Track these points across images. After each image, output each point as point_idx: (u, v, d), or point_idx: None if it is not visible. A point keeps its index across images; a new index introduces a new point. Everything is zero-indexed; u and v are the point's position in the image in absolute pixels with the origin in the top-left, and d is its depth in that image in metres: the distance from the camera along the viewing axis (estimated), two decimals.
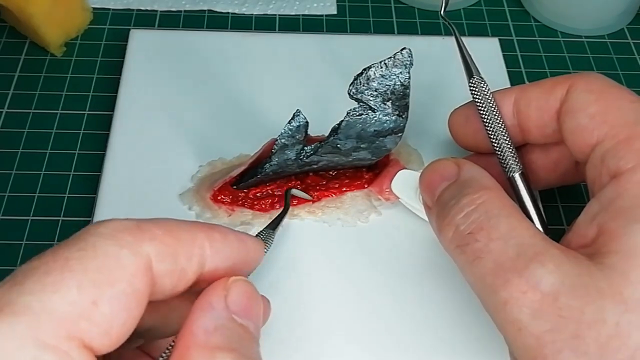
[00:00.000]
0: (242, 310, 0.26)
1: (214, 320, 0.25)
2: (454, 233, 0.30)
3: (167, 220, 0.26)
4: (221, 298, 0.25)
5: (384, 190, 0.39)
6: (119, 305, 0.23)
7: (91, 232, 0.24)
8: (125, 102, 0.43)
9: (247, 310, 0.26)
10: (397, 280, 0.37)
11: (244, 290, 0.26)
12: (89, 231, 0.24)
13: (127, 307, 0.24)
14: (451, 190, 0.32)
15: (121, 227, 0.24)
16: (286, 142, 0.36)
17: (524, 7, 0.54)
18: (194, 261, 0.26)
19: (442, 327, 0.35)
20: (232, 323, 0.25)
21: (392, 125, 0.37)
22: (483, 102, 0.35)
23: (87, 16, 0.50)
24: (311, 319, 0.35)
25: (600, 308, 0.26)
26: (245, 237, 0.28)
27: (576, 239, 0.30)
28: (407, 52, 0.36)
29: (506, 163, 0.34)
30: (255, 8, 0.52)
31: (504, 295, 0.27)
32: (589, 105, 0.32)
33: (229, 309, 0.25)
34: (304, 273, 0.37)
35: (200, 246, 0.26)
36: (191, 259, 0.26)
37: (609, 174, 0.30)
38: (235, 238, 0.27)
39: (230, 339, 0.25)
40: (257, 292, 0.27)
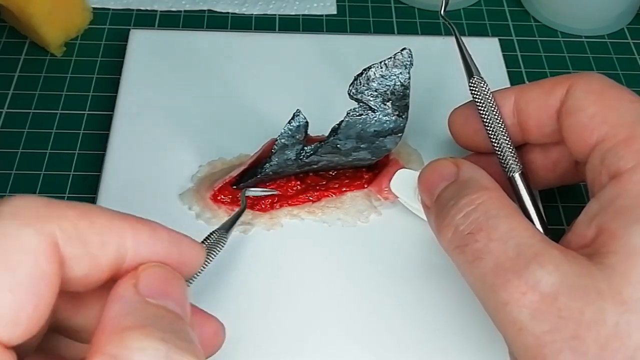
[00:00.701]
0: (156, 292, 0.24)
1: (125, 306, 0.23)
2: (453, 233, 0.30)
3: (86, 205, 0.24)
4: (129, 286, 0.24)
5: (383, 189, 0.39)
6: (25, 291, 0.22)
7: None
8: (125, 102, 0.43)
9: (161, 291, 0.24)
10: (397, 280, 0.37)
11: (155, 274, 0.24)
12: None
13: (34, 291, 0.22)
14: (450, 191, 0.32)
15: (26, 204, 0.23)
16: (286, 142, 0.36)
17: (524, 7, 0.54)
18: (109, 250, 0.24)
19: (442, 326, 0.35)
20: (144, 305, 0.23)
21: (392, 125, 0.37)
22: (483, 102, 0.35)
23: (87, 16, 0.50)
24: (311, 318, 0.35)
25: (600, 308, 0.26)
26: (182, 237, 0.26)
27: (576, 239, 0.30)
28: (407, 52, 0.36)
29: (506, 163, 0.34)
30: (255, 8, 0.52)
31: (504, 296, 0.27)
32: (589, 105, 0.32)
33: (140, 293, 0.24)
34: (303, 273, 0.37)
35: (119, 235, 0.24)
36: (105, 246, 0.24)
37: (609, 174, 0.30)
38: (168, 236, 0.26)
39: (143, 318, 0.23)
40: (173, 274, 0.25)
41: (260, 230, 0.38)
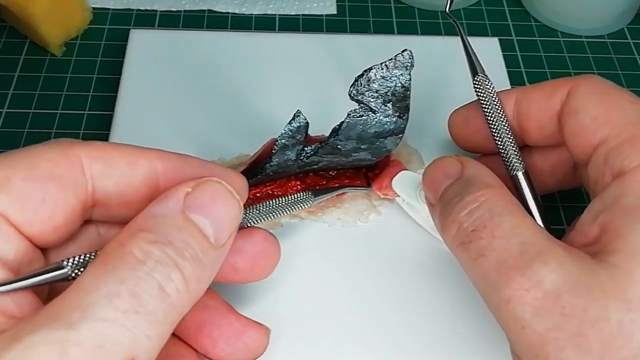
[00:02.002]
0: (199, 206, 0.26)
1: (159, 209, 0.25)
2: (457, 231, 0.30)
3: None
4: (179, 192, 0.26)
5: (384, 186, 0.39)
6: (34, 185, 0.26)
7: None
8: (125, 102, 0.43)
9: (204, 206, 0.26)
10: (397, 279, 0.37)
11: (209, 188, 0.26)
12: None
13: (43, 188, 0.26)
14: (454, 188, 0.32)
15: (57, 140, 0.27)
16: (286, 142, 0.36)
17: (524, 7, 0.54)
18: (137, 170, 0.28)
19: (444, 325, 0.35)
20: (175, 213, 0.25)
21: (392, 126, 0.37)
22: (487, 99, 0.35)
23: (87, 16, 0.50)
24: (311, 318, 0.35)
25: (603, 306, 0.26)
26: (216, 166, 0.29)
27: (579, 237, 0.30)
28: (408, 53, 0.36)
29: (509, 161, 0.34)
30: (255, 8, 0.52)
31: (507, 293, 0.28)
32: (591, 107, 0.32)
33: (183, 203, 0.26)
34: (303, 273, 0.37)
35: (146, 158, 0.28)
36: (133, 166, 0.27)
37: (612, 174, 0.30)
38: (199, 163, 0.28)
39: (161, 226, 0.25)
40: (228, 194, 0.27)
41: None
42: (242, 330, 0.30)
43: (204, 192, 0.26)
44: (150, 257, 0.24)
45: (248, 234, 0.31)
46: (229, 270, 0.30)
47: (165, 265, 0.24)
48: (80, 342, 0.22)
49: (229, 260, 0.29)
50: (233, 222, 0.27)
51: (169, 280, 0.24)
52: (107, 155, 0.27)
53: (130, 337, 0.22)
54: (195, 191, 0.26)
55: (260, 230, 0.31)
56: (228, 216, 0.27)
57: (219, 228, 0.26)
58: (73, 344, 0.21)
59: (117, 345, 0.22)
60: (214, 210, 0.26)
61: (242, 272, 0.30)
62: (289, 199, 0.33)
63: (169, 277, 0.24)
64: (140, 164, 0.28)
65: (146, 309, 0.23)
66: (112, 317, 0.22)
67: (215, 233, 0.26)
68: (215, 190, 0.26)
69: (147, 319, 0.23)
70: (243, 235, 0.30)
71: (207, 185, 0.26)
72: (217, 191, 0.26)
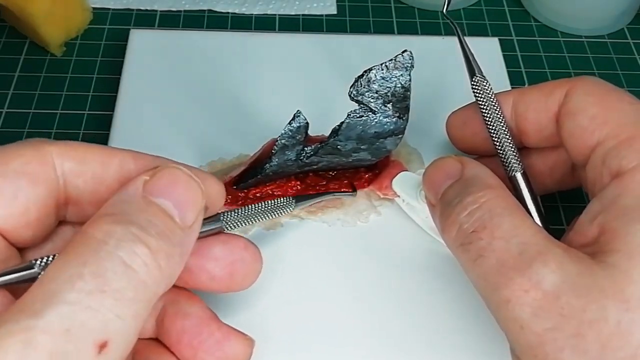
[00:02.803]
0: (158, 190, 0.26)
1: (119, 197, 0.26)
2: (457, 231, 0.30)
3: None
4: (138, 181, 0.26)
5: (384, 187, 0.39)
6: (5, 181, 0.26)
7: None
8: (125, 102, 0.43)
9: (163, 190, 0.26)
10: (398, 279, 0.37)
11: (167, 173, 0.26)
12: None
13: (15, 183, 0.26)
14: (455, 189, 0.32)
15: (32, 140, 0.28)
16: (286, 142, 0.36)
17: (524, 7, 0.54)
18: (110, 169, 0.28)
19: (443, 325, 0.35)
20: (136, 198, 0.25)
21: (392, 127, 0.37)
22: (485, 100, 0.35)
23: (87, 16, 0.50)
24: (311, 318, 0.35)
25: (602, 307, 0.26)
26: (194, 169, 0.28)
27: (578, 238, 0.30)
28: (408, 54, 0.36)
29: (508, 162, 0.34)
30: (255, 8, 0.52)
31: (506, 294, 0.28)
32: (589, 107, 0.32)
33: (145, 189, 0.26)
34: (303, 273, 0.37)
35: (119, 158, 0.28)
36: (106, 165, 0.28)
37: (611, 174, 0.30)
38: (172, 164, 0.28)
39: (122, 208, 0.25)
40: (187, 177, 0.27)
41: (260, 230, 0.38)
42: (223, 340, 0.29)
43: (162, 178, 0.26)
44: (112, 237, 0.24)
45: (226, 241, 0.30)
46: (205, 277, 0.30)
47: (128, 242, 0.24)
48: (45, 328, 0.21)
49: (205, 266, 0.29)
50: (197, 203, 0.26)
51: (134, 255, 0.24)
52: (79, 154, 0.28)
53: (99, 318, 0.22)
54: (153, 178, 0.26)
55: (239, 238, 0.31)
56: (190, 198, 0.26)
57: (183, 209, 0.26)
58: (39, 331, 0.21)
59: (84, 327, 0.22)
60: (174, 193, 0.26)
61: (220, 281, 0.30)
62: (269, 204, 0.33)
63: (134, 253, 0.24)
64: (113, 163, 0.28)
65: (112, 287, 0.23)
66: (76, 299, 0.22)
67: (180, 214, 0.26)
68: (173, 175, 0.26)
69: (114, 297, 0.23)
70: (220, 241, 0.30)
71: (164, 171, 0.26)
72: (175, 176, 0.26)
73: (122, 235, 0.24)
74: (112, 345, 0.22)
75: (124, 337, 0.23)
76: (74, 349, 0.22)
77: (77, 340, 0.22)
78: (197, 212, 0.27)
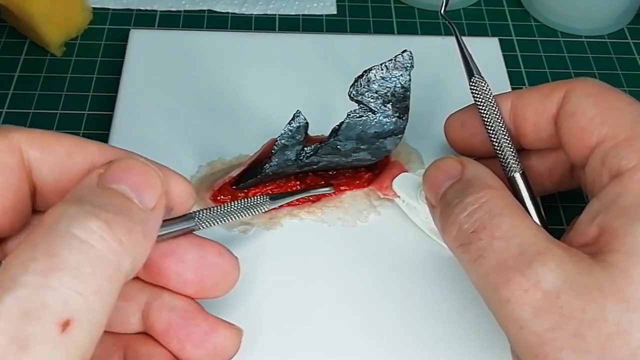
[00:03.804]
0: (113, 178, 0.26)
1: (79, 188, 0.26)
2: (457, 232, 0.30)
3: None
4: (94, 173, 0.26)
5: (384, 187, 0.39)
6: None
7: None
8: (125, 102, 0.43)
9: (118, 178, 0.26)
10: (397, 279, 0.37)
11: (121, 164, 0.26)
12: None
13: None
14: (455, 189, 0.32)
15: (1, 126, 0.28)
16: (286, 142, 0.36)
17: (524, 7, 0.54)
18: (76, 159, 0.28)
19: (444, 325, 0.35)
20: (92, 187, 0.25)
21: (392, 127, 0.37)
22: (484, 101, 0.35)
23: (87, 16, 0.50)
24: (311, 318, 0.35)
25: (602, 307, 0.26)
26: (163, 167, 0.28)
27: (577, 238, 0.30)
28: (408, 54, 0.36)
29: (507, 163, 0.34)
30: (255, 8, 0.52)
31: (506, 294, 0.28)
32: (587, 108, 0.32)
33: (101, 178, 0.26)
34: (303, 273, 0.37)
35: (85, 150, 0.28)
36: (71, 156, 0.28)
37: (610, 174, 0.30)
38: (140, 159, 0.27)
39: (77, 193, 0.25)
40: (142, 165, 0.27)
41: (260, 230, 0.38)
42: (210, 332, 0.29)
43: (116, 168, 0.26)
44: (64, 216, 0.23)
45: (199, 245, 0.30)
46: (176, 280, 0.30)
47: (81, 218, 0.23)
48: (3, 314, 0.21)
49: (176, 269, 0.29)
50: (155, 186, 0.26)
51: (90, 231, 0.23)
52: (45, 143, 0.28)
53: (57, 297, 0.22)
54: (108, 170, 0.26)
55: (215, 245, 0.30)
56: (146, 180, 0.26)
57: (141, 192, 0.26)
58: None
59: (44, 307, 0.21)
60: (130, 178, 0.26)
61: (191, 285, 0.30)
62: (244, 203, 0.32)
63: (89, 228, 0.23)
64: (79, 154, 0.28)
65: (68, 265, 0.22)
66: (32, 281, 0.22)
67: (139, 196, 0.26)
68: (127, 163, 0.26)
69: (71, 274, 0.22)
70: (195, 245, 0.30)
71: (119, 162, 0.26)
72: (129, 164, 0.26)
73: (75, 213, 0.23)
74: (76, 324, 0.22)
75: (88, 315, 0.22)
76: (36, 330, 0.21)
77: (38, 322, 0.21)
78: (156, 195, 0.26)
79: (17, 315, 0.21)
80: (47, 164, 0.28)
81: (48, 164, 0.28)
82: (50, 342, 0.21)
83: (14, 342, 0.21)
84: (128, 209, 0.25)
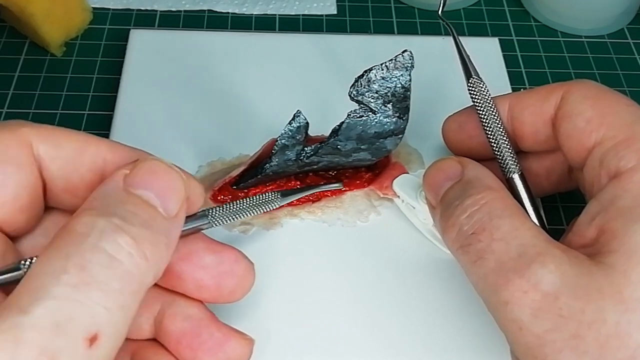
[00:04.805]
0: (139, 182, 0.26)
1: (100, 191, 0.25)
2: (457, 233, 0.30)
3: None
4: (118, 174, 0.26)
5: (384, 187, 0.39)
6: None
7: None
8: (125, 102, 0.43)
9: (144, 181, 0.26)
10: (397, 279, 0.37)
11: (146, 165, 0.26)
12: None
13: (1, 170, 0.26)
14: (455, 190, 0.32)
15: (9, 121, 0.28)
16: (286, 142, 0.36)
17: (524, 7, 0.54)
18: (85, 156, 0.28)
19: (444, 326, 0.35)
20: (117, 191, 0.25)
21: (392, 127, 0.37)
22: (482, 102, 0.35)
23: (87, 16, 0.50)
24: (311, 318, 0.35)
25: (600, 308, 0.26)
26: None
27: (576, 239, 0.30)
28: (409, 54, 0.36)
29: (505, 164, 0.34)
30: (255, 8, 0.52)
31: (506, 295, 0.28)
32: (585, 110, 0.32)
33: (125, 182, 0.26)
34: (303, 273, 0.37)
35: (95, 147, 0.28)
36: (81, 152, 0.28)
37: (609, 175, 0.30)
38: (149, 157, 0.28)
39: (103, 202, 0.25)
40: (166, 167, 0.26)
41: (260, 230, 0.38)
42: (223, 341, 0.29)
43: (141, 170, 0.26)
44: (94, 229, 0.23)
45: (218, 251, 0.30)
46: (193, 285, 0.29)
47: (110, 232, 0.23)
48: (34, 324, 0.21)
49: (193, 274, 0.29)
50: (179, 192, 0.26)
51: (118, 246, 0.23)
52: (55, 139, 0.28)
53: (86, 311, 0.22)
54: (133, 171, 0.26)
55: (232, 251, 0.30)
56: (171, 186, 0.26)
57: (165, 198, 0.26)
58: (27, 327, 0.21)
59: (73, 321, 0.21)
60: (155, 183, 0.26)
61: (207, 290, 0.30)
62: (255, 200, 0.32)
63: (117, 243, 0.23)
64: (89, 151, 0.28)
65: (97, 279, 0.22)
66: (63, 293, 0.22)
67: (163, 204, 0.26)
68: (152, 166, 0.26)
69: (100, 289, 0.22)
70: (212, 251, 0.30)
71: (144, 163, 0.26)
72: (154, 167, 0.26)
73: (104, 227, 0.23)
74: (103, 338, 0.22)
75: (113, 330, 0.23)
76: (65, 343, 0.21)
77: (67, 335, 0.21)
78: (179, 201, 0.26)
79: (47, 327, 0.21)
80: (57, 161, 0.28)
81: (58, 161, 0.28)
82: (78, 356, 0.21)
83: (44, 355, 0.21)
84: (153, 220, 0.25)
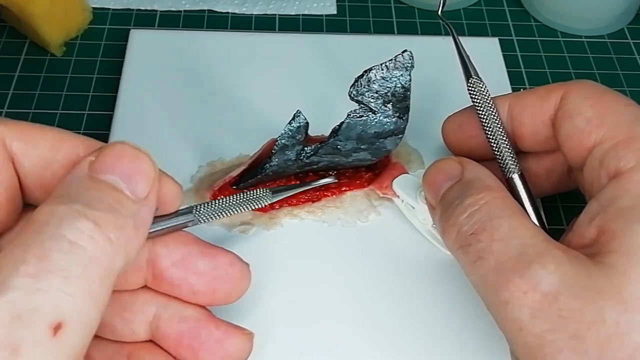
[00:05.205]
0: (104, 167, 0.25)
1: (68, 180, 0.25)
2: (457, 234, 0.30)
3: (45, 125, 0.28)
4: (83, 162, 0.26)
5: (384, 187, 0.39)
6: None
7: None
8: (125, 102, 0.43)
9: (109, 166, 0.25)
10: (397, 280, 0.37)
11: (112, 150, 0.26)
12: None
13: None
14: (455, 190, 0.32)
15: None
16: (286, 142, 0.36)
17: (524, 7, 0.54)
18: (60, 153, 0.27)
19: (443, 326, 0.35)
20: (82, 178, 0.25)
21: (392, 127, 0.37)
22: (481, 102, 0.35)
23: (87, 16, 0.50)
24: (311, 318, 0.35)
25: (600, 308, 0.26)
26: None
27: (576, 239, 0.30)
28: (409, 54, 0.36)
29: (505, 164, 0.34)
30: (255, 8, 0.52)
31: (505, 295, 0.28)
32: (585, 110, 0.32)
33: (90, 169, 0.25)
34: (303, 273, 0.37)
35: (70, 144, 0.27)
36: (56, 150, 0.27)
37: (608, 175, 0.30)
38: None
39: (67, 190, 0.25)
40: (135, 150, 0.26)
41: (260, 230, 0.38)
42: (223, 339, 0.29)
43: (107, 155, 0.26)
44: (53, 216, 0.23)
45: (212, 255, 0.29)
46: (186, 291, 0.29)
47: (70, 219, 0.23)
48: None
49: (187, 280, 0.29)
50: (147, 174, 0.26)
51: (78, 231, 0.23)
52: (29, 135, 0.27)
53: (49, 299, 0.21)
54: (98, 157, 0.26)
55: (226, 254, 0.30)
56: (138, 168, 0.26)
57: (132, 181, 0.25)
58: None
59: (36, 311, 0.21)
60: (121, 167, 0.25)
61: (202, 295, 0.29)
62: (244, 196, 0.32)
63: (77, 229, 0.23)
64: (63, 148, 0.27)
65: (59, 266, 0.22)
66: (22, 284, 0.21)
67: (130, 186, 0.25)
68: (118, 150, 0.26)
69: (61, 275, 0.22)
70: (206, 255, 0.29)
71: (109, 149, 0.26)
72: (120, 150, 0.26)
73: (64, 213, 0.23)
74: (68, 326, 0.22)
75: (80, 317, 0.22)
76: (27, 334, 0.21)
77: (29, 325, 0.21)
78: (148, 183, 0.26)
79: (8, 319, 0.21)
80: (31, 158, 0.27)
81: (32, 158, 0.27)
82: (42, 345, 0.21)
83: (6, 347, 0.21)
84: (118, 204, 0.25)
